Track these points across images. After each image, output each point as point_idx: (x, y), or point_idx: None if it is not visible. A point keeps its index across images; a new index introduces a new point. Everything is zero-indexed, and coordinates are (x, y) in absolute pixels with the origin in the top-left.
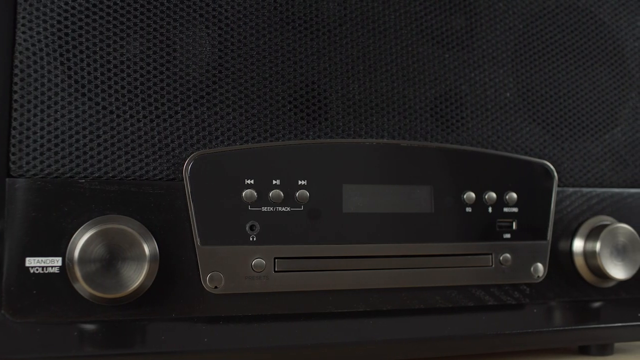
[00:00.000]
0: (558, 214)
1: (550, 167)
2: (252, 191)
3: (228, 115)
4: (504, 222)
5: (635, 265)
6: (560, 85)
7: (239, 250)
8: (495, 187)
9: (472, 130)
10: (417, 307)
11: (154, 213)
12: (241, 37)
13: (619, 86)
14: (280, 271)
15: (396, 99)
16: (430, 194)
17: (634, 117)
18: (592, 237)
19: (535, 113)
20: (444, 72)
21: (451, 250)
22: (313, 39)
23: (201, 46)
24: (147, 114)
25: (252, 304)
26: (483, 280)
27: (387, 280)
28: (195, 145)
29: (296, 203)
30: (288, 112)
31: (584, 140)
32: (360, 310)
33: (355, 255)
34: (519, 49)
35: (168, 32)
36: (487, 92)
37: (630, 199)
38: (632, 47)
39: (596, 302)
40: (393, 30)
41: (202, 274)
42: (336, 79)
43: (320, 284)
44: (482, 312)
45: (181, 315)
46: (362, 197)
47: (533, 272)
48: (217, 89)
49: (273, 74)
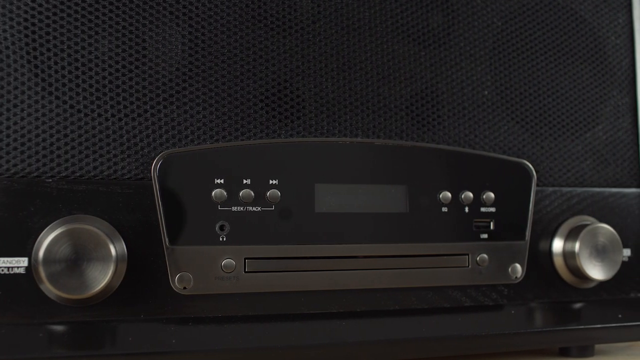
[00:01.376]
0: (537, 214)
1: (529, 166)
2: (221, 191)
3: (198, 114)
4: (481, 222)
5: (615, 266)
6: (539, 83)
7: (209, 251)
8: (472, 186)
9: (448, 128)
10: (391, 308)
11: (123, 213)
12: (212, 35)
13: (600, 84)
14: (251, 272)
15: (370, 97)
16: (405, 193)
17: (616, 116)
18: (572, 237)
19: (514, 111)
20: (420, 70)
21: (426, 251)
22: (285, 36)
23: (171, 44)
24: (115, 112)
25: (222, 304)
26: (459, 281)
27: (360, 281)
28: (165, 144)
29: (267, 203)
30: (259, 110)
31: (564, 139)
32: (334, 311)
33: (327, 255)
34: (498, 46)
35: (137, 30)
36: (465, 90)
37: (611, 198)
38: (613, 44)
39: (576, 303)
40: (368, 28)
41: (171, 274)
42: (309, 77)
43: (291, 284)
44: (459, 314)
45: (150, 316)
46: (335, 197)
47: (511, 273)
48: (187, 88)
49: (244, 72)
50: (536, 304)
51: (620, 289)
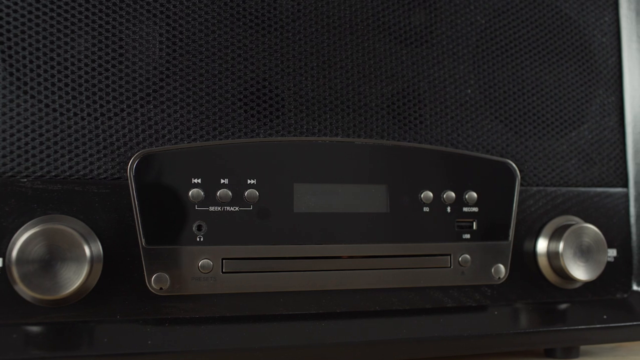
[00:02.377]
0: (521, 214)
1: (513, 165)
2: (198, 190)
3: (175, 113)
4: (463, 222)
5: (599, 266)
6: (524, 82)
7: (186, 251)
8: (454, 186)
9: (430, 127)
10: (372, 309)
11: (99, 213)
12: (190, 34)
13: (585, 82)
14: (228, 272)
15: (351, 96)
16: (386, 193)
17: (602, 114)
18: (556, 238)
19: (498, 110)
20: (401, 68)
21: (407, 251)
22: (265, 34)
23: (148, 43)
24: (91, 112)
25: (199, 305)
26: (441, 281)
27: (340, 281)
28: (141, 143)
29: (245, 203)
30: (238, 109)
31: (548, 138)
32: (313, 312)
33: (306, 256)
34: (481, 44)
35: (114, 29)
36: (447, 89)
37: (596, 198)
38: (599, 42)
39: (561, 303)
40: (348, 26)
41: (147, 275)
42: (288, 75)
43: (270, 285)
44: (440, 315)
45: (126, 317)
46: (314, 197)
47: (494, 274)
48: (164, 87)
49: (223, 71)
50: (520, 305)
51: (605, 289)
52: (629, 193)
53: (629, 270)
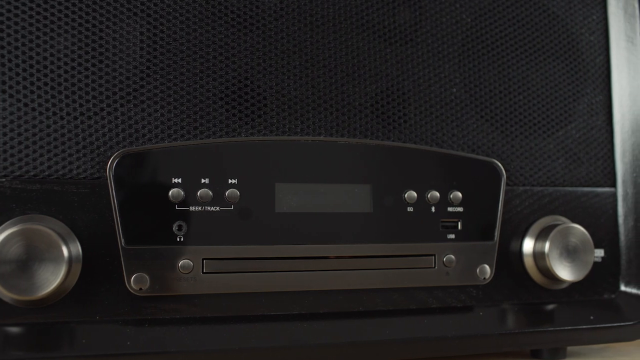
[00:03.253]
0: (507, 214)
1: (498, 165)
2: (179, 190)
3: (156, 113)
4: (448, 222)
5: (586, 266)
6: (510, 81)
7: (166, 251)
8: (438, 186)
9: (415, 127)
10: (355, 309)
11: (78, 212)
12: (171, 32)
13: (573, 81)
14: (209, 272)
15: (334, 95)
16: (369, 193)
17: (589, 113)
18: (542, 238)
19: (484, 109)
20: (385, 67)
21: (391, 251)
22: (247, 33)
23: (128, 42)
24: (71, 111)
25: (180, 306)
26: (425, 282)
27: (323, 282)
28: (121, 143)
29: (226, 202)
30: (219, 109)
31: (535, 137)
32: (295, 313)
33: (288, 256)
34: (467, 43)
35: (94, 28)
36: (432, 88)
37: (584, 198)
38: (587, 40)
39: (548, 304)
40: (332, 24)
41: (127, 275)
42: (271, 74)
43: (251, 285)
44: (425, 315)
45: (105, 318)
46: (296, 197)
47: (479, 274)
48: (144, 86)
49: (204, 70)
50: (506, 306)
51: (593, 289)
52: (616, 193)
53: (617, 270)
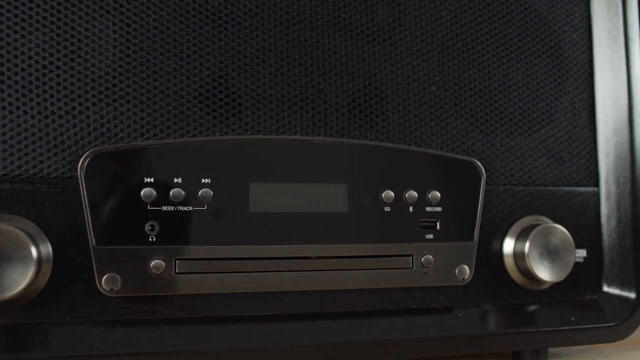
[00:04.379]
0: (488, 214)
1: (478, 164)
2: (151, 190)
3: (128, 112)
4: (426, 222)
5: (566, 267)
6: (491, 79)
7: (137, 251)
8: (416, 185)
9: (393, 126)
10: (331, 310)
11: (49, 212)
12: (144, 30)
13: (555, 79)
14: (182, 273)
15: (310, 94)
16: (345, 192)
17: (572, 112)
18: (522, 238)
19: (463, 108)
20: (362, 65)
21: (368, 252)
22: (221, 31)
23: (101, 40)
24: (42, 110)
25: (152, 306)
26: (403, 282)
27: (297, 282)
28: (93, 142)
29: (199, 202)
30: (193, 107)
31: (516, 136)
32: (269, 314)
33: (262, 256)
34: (447, 40)
35: (66, 26)
36: (410, 86)
37: (566, 197)
38: (569, 38)
39: (529, 305)
40: (308, 22)
41: (98, 275)
42: (246, 73)
43: (225, 286)
44: (403, 316)
45: (76, 318)
46: (271, 196)
47: (458, 274)
48: (117, 84)
49: (178, 68)
50: (486, 306)
51: (575, 290)
52: (599, 192)
53: (600, 271)
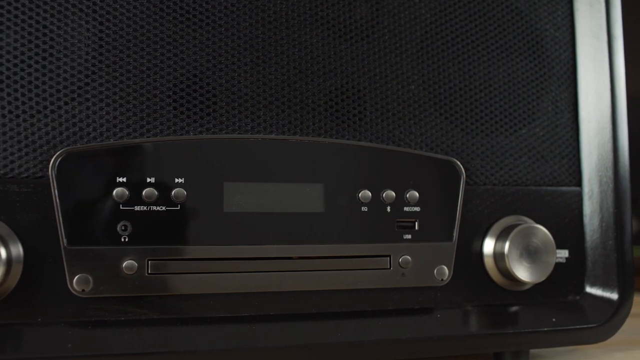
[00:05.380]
0: (468, 214)
1: (457, 163)
2: (123, 189)
3: (101, 111)
4: (404, 222)
5: (547, 268)
6: (471, 78)
7: (109, 252)
8: (394, 185)
9: (371, 125)
10: (306, 311)
11: (20, 212)
12: (117, 29)
13: (537, 78)
14: (154, 274)
15: (286, 93)
16: (322, 192)
17: (554, 111)
18: (502, 238)
19: (443, 107)
20: (340, 64)
21: (344, 252)
22: (196, 29)
23: (73, 38)
24: (13, 109)
25: (124, 307)
26: (380, 283)
27: (273, 283)
28: (65, 141)
29: (172, 202)
30: (167, 107)
31: (497, 135)
32: (244, 315)
33: (236, 257)
34: (426, 39)
35: (38, 24)
36: (389, 85)
37: (548, 197)
38: (552, 36)
39: (510, 306)
40: (285, 20)
41: (69, 276)
42: (221, 71)
43: (198, 287)
44: (381, 317)
45: (47, 320)
46: (245, 196)
47: (437, 275)
48: (89, 83)
49: (151, 67)
50: (466, 307)
51: (557, 291)
52: (582, 192)
53: (582, 271)
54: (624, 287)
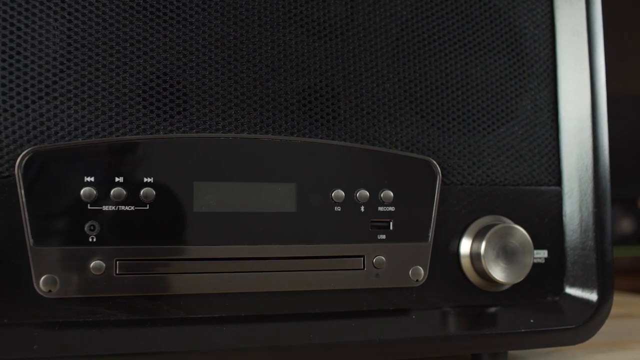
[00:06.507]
0: (444, 214)
1: (433, 163)
2: (91, 189)
3: (69, 109)
4: (378, 222)
5: (524, 268)
6: (448, 76)
7: (77, 252)
8: (368, 184)
9: (345, 124)
10: (278, 312)
11: None
12: (86, 27)
13: (516, 76)
14: (122, 274)
15: (258, 91)
16: (294, 192)
17: (534, 109)
18: (479, 238)
19: (419, 105)
20: (313, 62)
21: (317, 252)
22: (166, 27)
23: (41, 36)
24: None
25: (93, 308)
26: (353, 284)
27: (244, 284)
28: (32, 140)
29: (141, 202)
30: (136, 105)
31: (474, 134)
32: (215, 316)
33: (207, 257)
34: (402, 36)
35: (5, 22)
36: (364, 83)
37: (527, 197)
38: (531, 34)
39: (488, 307)
40: (257, 18)
41: (35, 276)
42: (192, 69)
43: (168, 287)
44: (354, 318)
45: (14, 321)
46: (216, 196)
47: (412, 276)
48: (57, 82)
49: (121, 65)
50: (443, 309)
51: (536, 292)
52: (562, 192)
53: (561, 272)
54: (604, 287)
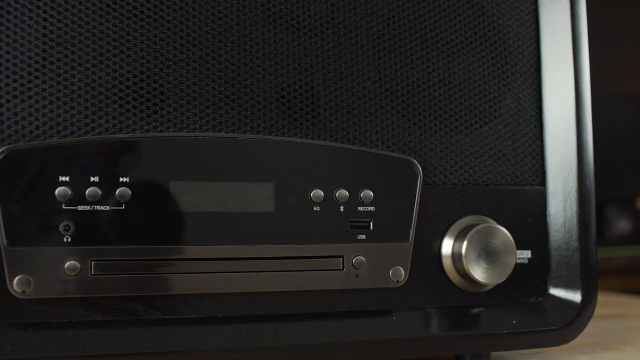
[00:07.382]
0: (426, 214)
1: (414, 162)
2: (65, 189)
3: (44, 108)
4: (358, 222)
5: (506, 269)
6: (430, 74)
7: (51, 252)
8: (347, 184)
9: (324, 123)
10: (256, 313)
11: None
12: (62, 25)
13: (499, 74)
14: (98, 274)
15: (236, 90)
16: (272, 191)
17: (517, 108)
18: (460, 238)
19: (400, 104)
20: (292, 60)
21: (295, 253)
22: (143, 25)
23: (16, 34)
24: None
25: (67, 309)
26: (332, 285)
27: (221, 284)
28: (7, 139)
29: (116, 202)
30: (112, 104)
31: (457, 133)
32: (192, 316)
33: (183, 257)
34: (383, 34)
35: None
36: (344, 82)
37: (510, 197)
38: (515, 32)
39: (470, 308)
40: (235, 16)
41: (9, 277)
42: (169, 68)
43: (144, 288)
44: (334, 320)
45: None
46: (192, 195)
47: (392, 276)
48: (32, 80)
49: (97, 64)
50: (425, 309)
51: (519, 292)
52: (546, 191)
53: (545, 272)
54: (588, 288)
